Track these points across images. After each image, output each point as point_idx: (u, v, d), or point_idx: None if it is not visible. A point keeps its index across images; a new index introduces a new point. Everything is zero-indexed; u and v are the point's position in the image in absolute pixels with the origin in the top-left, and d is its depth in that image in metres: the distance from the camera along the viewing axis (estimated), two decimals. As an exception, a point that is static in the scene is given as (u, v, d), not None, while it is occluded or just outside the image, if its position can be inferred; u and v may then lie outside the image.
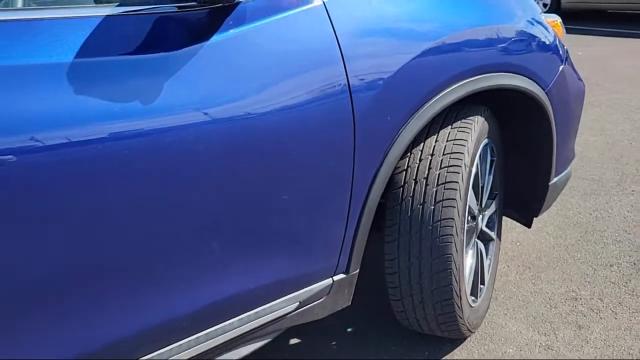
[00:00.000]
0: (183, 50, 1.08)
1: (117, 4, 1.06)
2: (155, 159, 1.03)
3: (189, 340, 1.18)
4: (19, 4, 1.54)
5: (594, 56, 5.92)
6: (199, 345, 1.20)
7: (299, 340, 1.79)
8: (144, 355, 1.12)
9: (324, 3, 1.25)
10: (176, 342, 1.17)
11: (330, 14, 1.25)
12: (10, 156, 0.88)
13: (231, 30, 1.14)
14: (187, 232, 1.12)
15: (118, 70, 1.02)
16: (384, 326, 1.81)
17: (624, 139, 3.42)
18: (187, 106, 1.06)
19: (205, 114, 1.08)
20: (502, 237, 2.14)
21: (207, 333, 1.21)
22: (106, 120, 0.97)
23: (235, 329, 1.25)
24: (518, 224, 2.31)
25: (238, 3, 1.15)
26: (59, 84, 0.94)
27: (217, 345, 1.24)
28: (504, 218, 2.04)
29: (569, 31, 7.24)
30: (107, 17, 1.02)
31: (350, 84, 1.26)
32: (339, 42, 1.25)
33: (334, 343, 1.77)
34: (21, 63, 0.93)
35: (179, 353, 1.17)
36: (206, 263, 1.16)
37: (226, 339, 1.25)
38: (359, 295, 1.52)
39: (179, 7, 1.13)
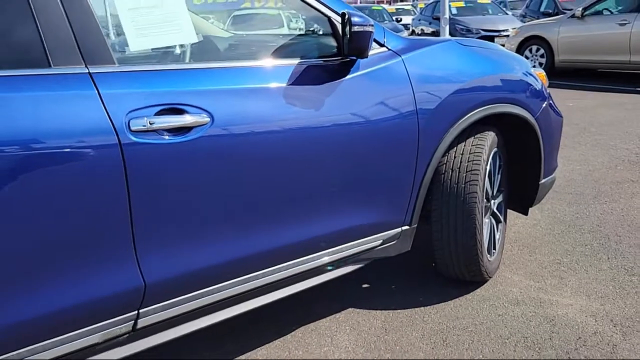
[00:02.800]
0: (326, 84, 1.97)
1: (297, 58, 1.95)
2: (314, 139, 1.91)
3: (329, 252, 2.03)
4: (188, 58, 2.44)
5: (582, 107, 6.87)
6: (339, 254, 2.06)
7: (369, 285, 2.60)
8: (314, 253, 2.00)
9: (402, 60, 2.15)
10: (331, 248, 2.04)
11: (406, 66, 2.15)
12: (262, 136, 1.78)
13: (351, 75, 2.03)
14: (336, 187, 1.99)
15: (297, 92, 1.90)
16: (429, 279, 2.63)
17: (602, 167, 4.30)
18: (330, 115, 1.94)
19: (338, 118, 1.96)
20: (505, 231, 2.96)
21: (339, 249, 2.06)
22: (297, 116, 1.86)
23: (351, 249, 2.10)
24: (517, 222, 3.17)
25: (357, 59, 2.04)
26: (277, 97, 1.84)
27: (343, 258, 2.08)
28: (508, 214, 2.88)
29: (562, 87, 8.23)
30: (292, 66, 1.92)
31: (417, 107, 2.14)
32: (411, 81, 2.14)
33: (393, 286, 2.59)
34: (262, 86, 1.83)
35: (332, 255, 2.05)
36: (342, 204, 2.02)
37: (345, 255, 2.09)
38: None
39: (324, 60, 2.03)
